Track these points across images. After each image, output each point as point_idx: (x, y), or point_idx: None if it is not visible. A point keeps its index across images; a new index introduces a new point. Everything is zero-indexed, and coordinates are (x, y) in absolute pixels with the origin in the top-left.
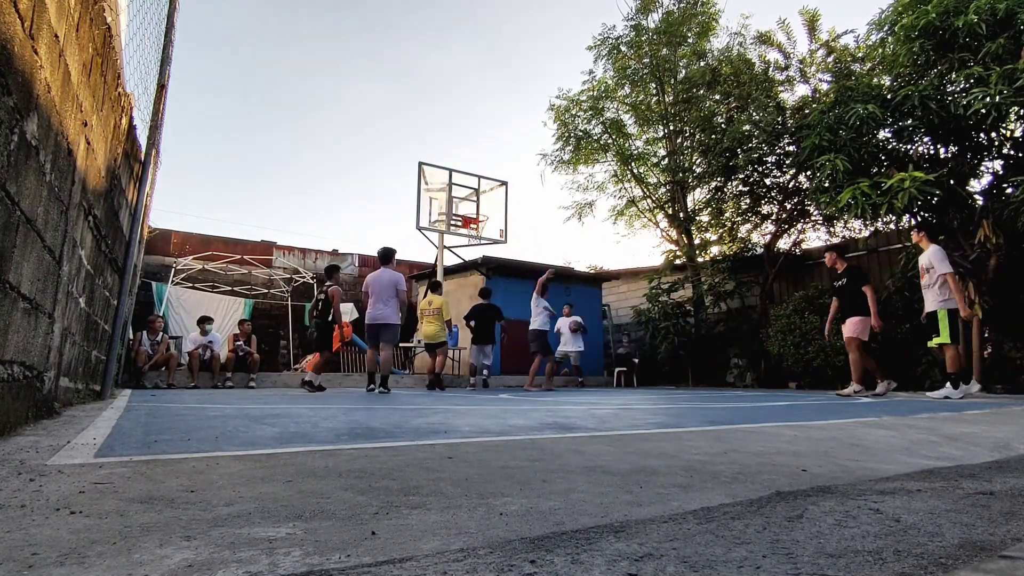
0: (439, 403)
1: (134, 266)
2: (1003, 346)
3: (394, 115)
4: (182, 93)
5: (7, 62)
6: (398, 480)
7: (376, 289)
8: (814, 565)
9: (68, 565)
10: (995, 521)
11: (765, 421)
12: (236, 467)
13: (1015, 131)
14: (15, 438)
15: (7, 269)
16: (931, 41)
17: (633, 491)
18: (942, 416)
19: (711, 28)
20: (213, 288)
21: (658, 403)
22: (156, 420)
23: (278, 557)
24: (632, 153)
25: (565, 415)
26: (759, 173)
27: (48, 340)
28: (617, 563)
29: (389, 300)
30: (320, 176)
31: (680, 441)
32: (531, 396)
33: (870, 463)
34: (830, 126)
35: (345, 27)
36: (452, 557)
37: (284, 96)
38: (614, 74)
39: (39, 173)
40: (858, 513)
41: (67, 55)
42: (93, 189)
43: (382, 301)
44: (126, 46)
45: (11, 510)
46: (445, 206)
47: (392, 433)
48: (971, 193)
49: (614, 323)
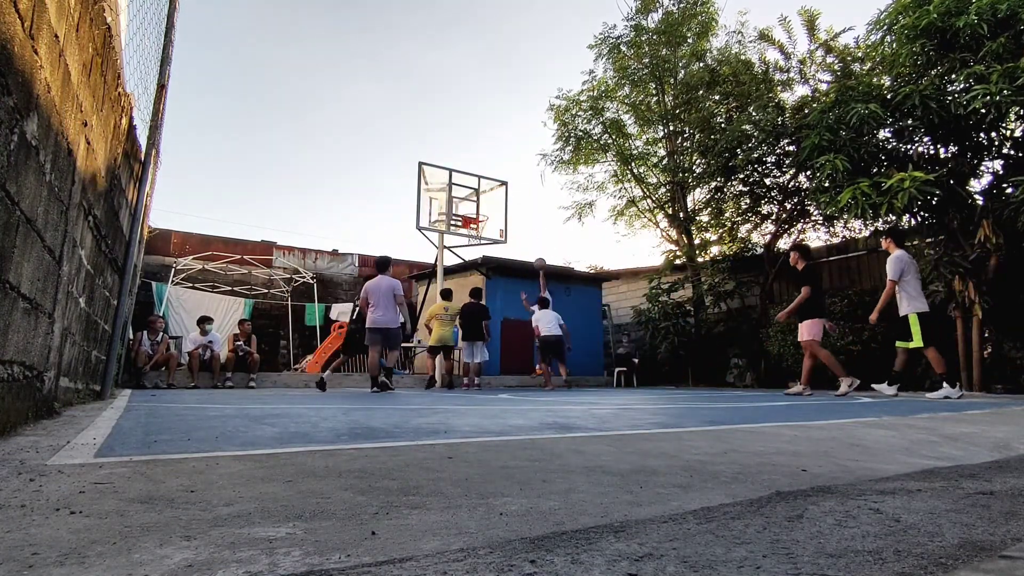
0: (439, 403)
1: (134, 266)
2: (1003, 346)
3: (394, 115)
4: (182, 93)
5: (7, 62)
6: (398, 480)
7: (377, 296)
8: (814, 565)
9: (68, 565)
10: (995, 521)
11: (765, 421)
12: (236, 467)
13: (1015, 131)
14: (15, 438)
15: (7, 269)
16: (932, 41)
17: (633, 491)
18: (942, 416)
19: (711, 28)
20: (213, 288)
21: (658, 403)
22: (156, 420)
23: (278, 557)
24: (632, 153)
25: (565, 415)
26: (759, 173)
27: (48, 340)
28: (617, 563)
29: (388, 305)
30: (320, 176)
31: (680, 441)
32: (531, 396)
33: (870, 463)
34: (830, 126)
35: (345, 27)
36: (452, 557)
37: (284, 96)
38: (614, 74)
39: (39, 173)
40: (858, 513)
41: (67, 55)
42: (93, 189)
43: (383, 307)
44: (126, 46)
45: (11, 510)
46: (445, 206)
47: (392, 433)
48: (971, 193)
49: (614, 323)
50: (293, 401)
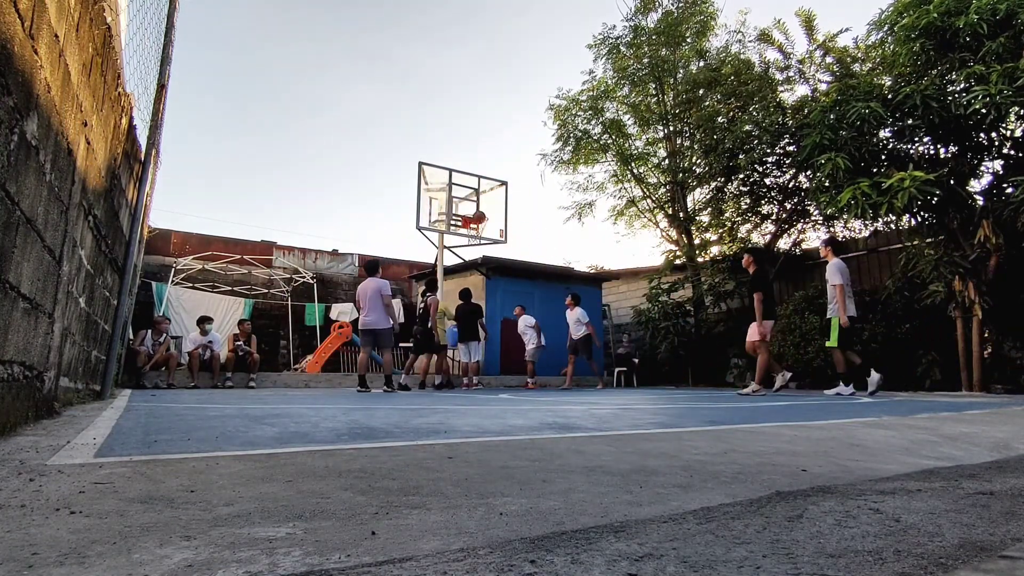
0: (439, 403)
1: (134, 266)
2: (1003, 346)
3: (394, 115)
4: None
5: (7, 62)
6: (398, 480)
7: (365, 298)
8: (814, 565)
9: (68, 565)
10: (995, 521)
11: (765, 421)
12: (236, 467)
13: (1015, 131)
14: (15, 438)
15: (7, 269)
16: (932, 41)
17: (633, 491)
18: (942, 416)
19: (710, 28)
20: (213, 288)
21: (658, 403)
22: (156, 420)
23: (278, 557)
24: (632, 153)
25: (565, 415)
26: (759, 173)
27: (48, 340)
28: (617, 563)
29: (376, 306)
30: (320, 176)
31: (680, 441)
32: (531, 396)
33: (870, 463)
34: (831, 125)
35: (345, 28)
36: (452, 557)
37: (284, 96)
38: (614, 74)
39: (39, 173)
40: (858, 513)
41: (67, 55)
42: (93, 189)
43: (371, 308)
44: (126, 46)
45: (11, 510)
46: (445, 206)
47: (392, 433)
48: (971, 193)
49: (614, 323)
50: (293, 401)
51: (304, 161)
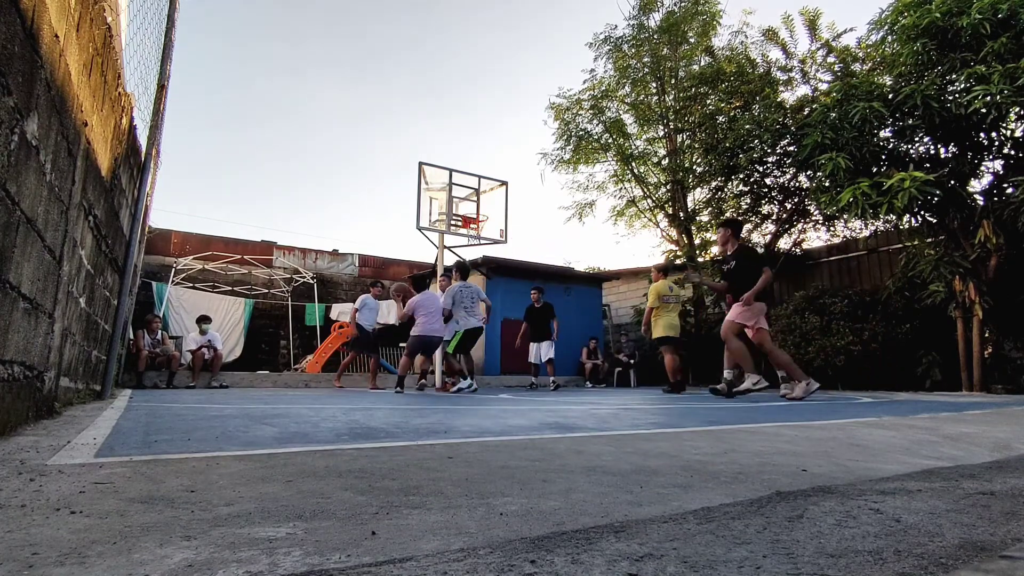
0: (439, 403)
1: (134, 266)
2: (1003, 346)
3: (395, 115)
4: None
5: (7, 62)
6: (398, 480)
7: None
8: (814, 565)
9: (68, 565)
10: (995, 521)
11: (765, 421)
12: (236, 467)
13: (1015, 131)
14: (15, 438)
15: (7, 269)
16: (933, 41)
17: (633, 491)
18: (942, 416)
19: (712, 27)
20: (213, 288)
21: (658, 403)
22: (156, 420)
23: (278, 557)
24: (632, 153)
25: (565, 415)
26: (760, 172)
27: (48, 340)
28: (617, 563)
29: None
30: (320, 176)
31: (680, 441)
32: (531, 396)
33: (870, 463)
34: (833, 124)
35: (346, 28)
36: (452, 557)
37: (284, 96)
38: (615, 73)
39: (39, 173)
40: (858, 513)
41: (67, 55)
42: (93, 189)
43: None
44: (126, 46)
45: (11, 510)
46: (445, 206)
47: (392, 433)
48: (971, 193)
49: (614, 323)
50: (293, 401)
51: (305, 161)
